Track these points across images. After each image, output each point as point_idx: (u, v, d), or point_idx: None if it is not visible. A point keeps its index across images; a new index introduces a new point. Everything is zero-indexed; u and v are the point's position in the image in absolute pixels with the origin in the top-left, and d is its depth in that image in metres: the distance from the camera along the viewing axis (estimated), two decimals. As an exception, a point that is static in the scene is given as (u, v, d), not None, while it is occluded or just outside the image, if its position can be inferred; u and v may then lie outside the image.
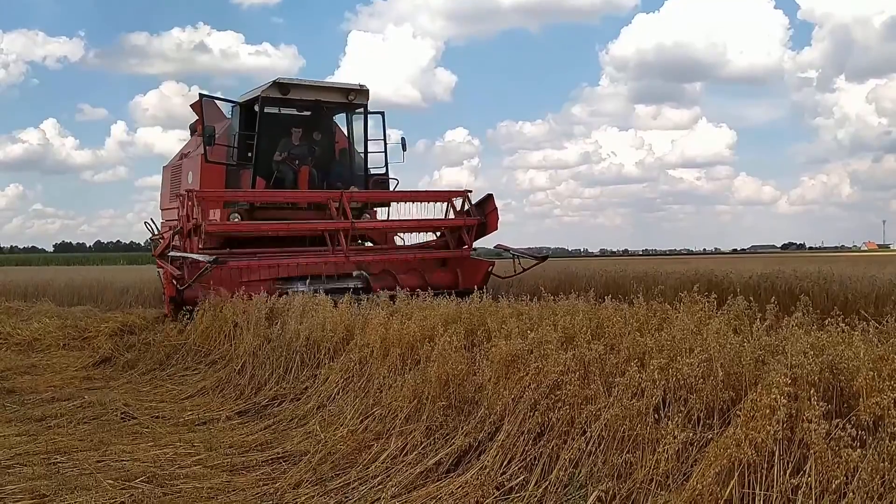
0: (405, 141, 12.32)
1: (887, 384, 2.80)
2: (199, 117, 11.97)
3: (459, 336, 4.78)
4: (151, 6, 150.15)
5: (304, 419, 5.40)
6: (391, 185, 12.00)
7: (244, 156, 11.29)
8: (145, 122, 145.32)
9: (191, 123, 13.79)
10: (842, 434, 2.68)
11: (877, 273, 10.40)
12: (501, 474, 3.68)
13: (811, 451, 2.71)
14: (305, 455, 4.53)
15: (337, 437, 4.65)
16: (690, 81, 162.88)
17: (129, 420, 5.75)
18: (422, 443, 4.23)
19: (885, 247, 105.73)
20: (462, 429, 4.17)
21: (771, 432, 2.79)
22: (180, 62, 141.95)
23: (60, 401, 6.54)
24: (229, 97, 12.33)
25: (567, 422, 3.67)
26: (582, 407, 3.67)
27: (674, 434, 3.15)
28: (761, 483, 2.77)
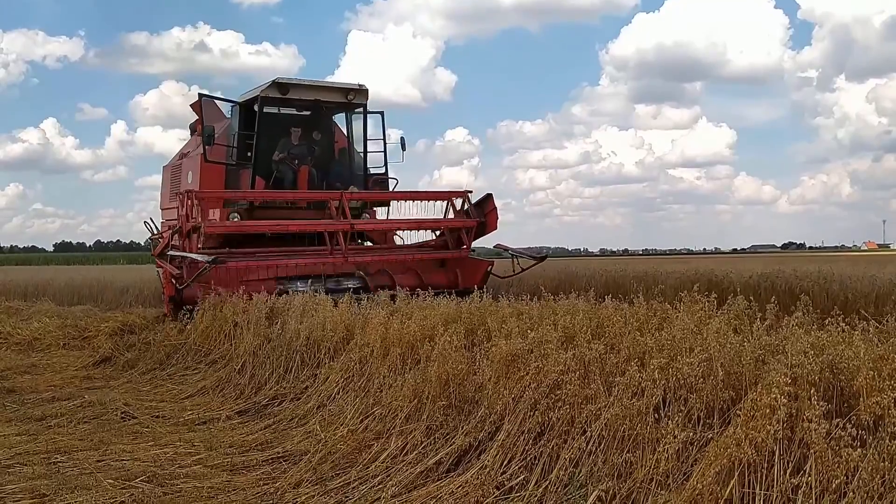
0: (405, 140, 12.35)
1: (887, 384, 2.80)
2: (199, 117, 11.97)
3: (459, 336, 4.78)
4: (151, 6, 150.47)
5: (305, 419, 5.39)
6: (391, 185, 12.00)
7: (244, 155, 11.28)
8: (145, 122, 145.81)
9: (191, 123, 13.80)
10: (842, 434, 2.68)
11: (877, 273, 10.40)
12: (501, 474, 3.67)
13: (811, 451, 2.71)
14: (305, 454, 4.53)
15: (337, 437, 4.64)
16: (690, 81, 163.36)
17: (130, 420, 5.75)
18: (422, 442, 4.23)
19: (885, 246, 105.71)
20: (462, 428, 4.16)
21: (771, 432, 2.79)
22: (180, 62, 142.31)
23: (60, 400, 6.53)
24: (229, 97, 12.36)
25: (567, 421, 3.67)
26: (582, 406, 3.67)
27: (674, 433, 3.15)
28: (761, 483, 2.77)
